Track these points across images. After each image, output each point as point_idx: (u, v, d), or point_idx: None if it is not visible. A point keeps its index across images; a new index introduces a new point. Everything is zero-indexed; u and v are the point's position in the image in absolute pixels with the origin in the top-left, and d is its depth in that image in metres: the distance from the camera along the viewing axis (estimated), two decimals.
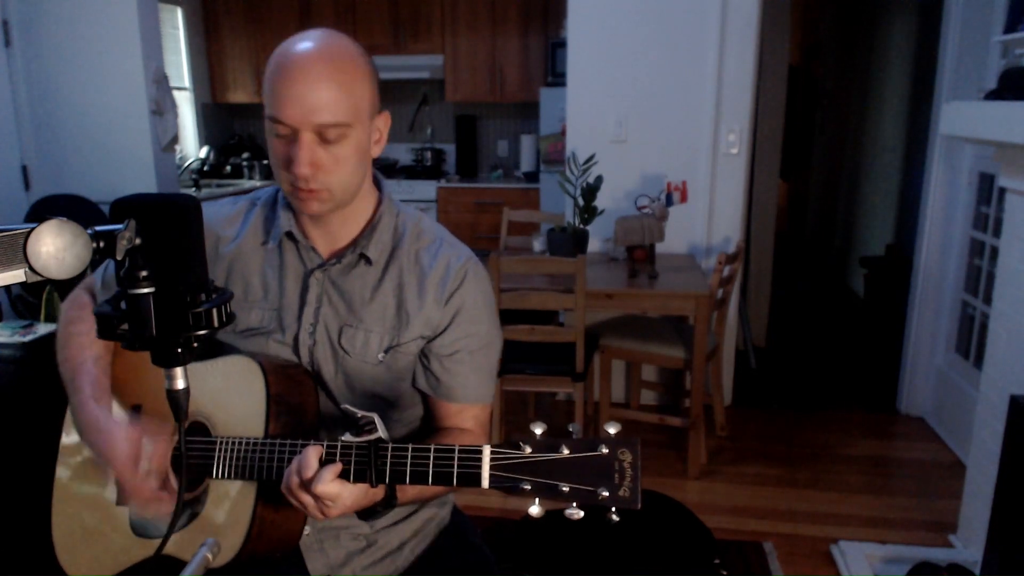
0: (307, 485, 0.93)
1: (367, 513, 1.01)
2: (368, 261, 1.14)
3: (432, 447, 0.92)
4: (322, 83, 1.00)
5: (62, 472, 1.16)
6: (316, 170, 1.03)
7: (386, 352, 1.13)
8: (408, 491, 1.02)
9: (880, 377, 3.79)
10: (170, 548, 1.05)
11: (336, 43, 1.05)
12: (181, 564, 0.99)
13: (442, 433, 1.16)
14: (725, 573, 1.65)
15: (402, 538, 1.23)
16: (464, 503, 1.39)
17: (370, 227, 1.15)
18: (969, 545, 2.30)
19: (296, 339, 1.14)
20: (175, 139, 3.92)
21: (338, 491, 0.93)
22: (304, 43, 1.03)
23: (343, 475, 0.94)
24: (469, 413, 1.18)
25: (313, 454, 0.94)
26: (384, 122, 1.12)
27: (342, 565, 1.19)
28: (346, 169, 1.05)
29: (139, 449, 1.04)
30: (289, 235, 1.15)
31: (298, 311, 1.15)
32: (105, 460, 1.06)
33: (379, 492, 0.99)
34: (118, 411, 1.13)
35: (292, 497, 0.95)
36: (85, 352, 1.15)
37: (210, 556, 0.79)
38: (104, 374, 1.14)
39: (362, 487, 0.95)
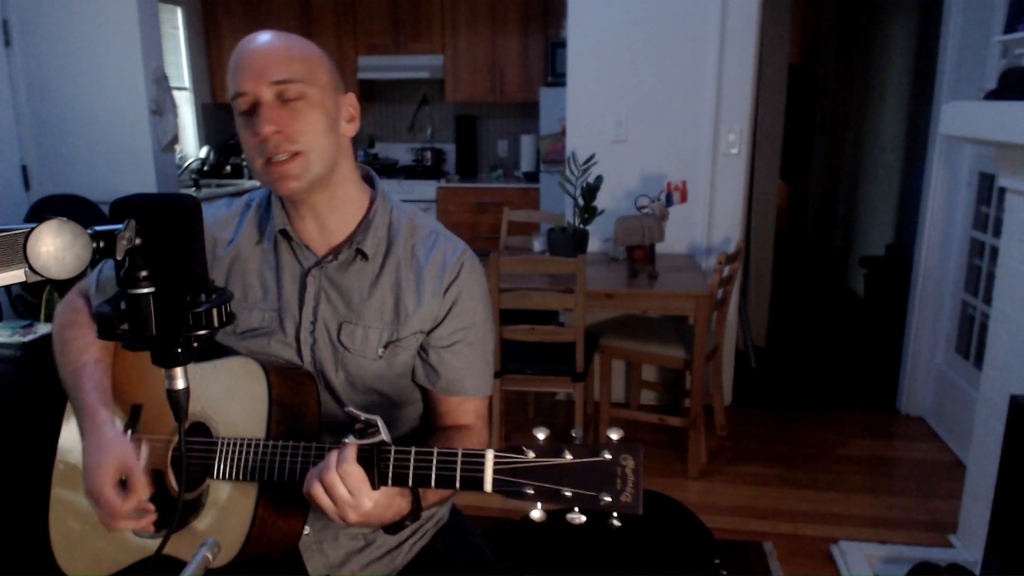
0: (330, 481, 0.91)
1: (394, 527, 1.01)
2: (364, 256, 1.14)
3: (435, 450, 0.92)
4: (271, 47, 1.05)
5: (60, 472, 1.16)
6: (280, 129, 1.03)
7: (385, 347, 1.14)
8: (429, 498, 1.03)
9: (880, 377, 3.79)
10: (170, 548, 1.05)
11: (289, 33, 1.10)
12: (181, 564, 0.99)
13: (445, 433, 1.17)
14: (725, 573, 1.65)
15: (401, 536, 1.22)
16: (463, 503, 1.40)
17: (365, 222, 1.15)
18: (969, 545, 2.30)
19: (297, 338, 1.15)
20: (175, 139, 3.91)
21: (361, 475, 0.91)
22: (259, 34, 1.09)
23: None
24: (469, 406, 1.18)
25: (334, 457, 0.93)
26: (352, 103, 1.13)
27: (341, 565, 1.19)
28: (315, 131, 1.05)
29: (120, 475, 1.04)
30: (283, 233, 1.15)
31: (297, 310, 1.15)
32: (89, 473, 1.05)
33: (404, 505, 0.99)
34: (119, 424, 1.12)
35: (314, 498, 0.93)
36: (84, 356, 1.14)
37: (210, 556, 0.79)
38: (105, 376, 1.14)
39: (388, 494, 0.94)
